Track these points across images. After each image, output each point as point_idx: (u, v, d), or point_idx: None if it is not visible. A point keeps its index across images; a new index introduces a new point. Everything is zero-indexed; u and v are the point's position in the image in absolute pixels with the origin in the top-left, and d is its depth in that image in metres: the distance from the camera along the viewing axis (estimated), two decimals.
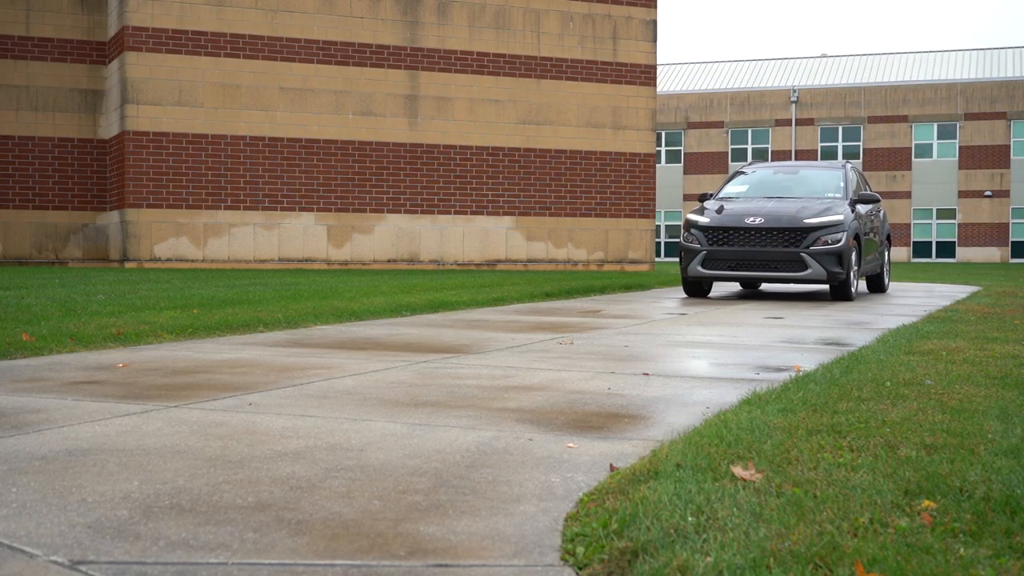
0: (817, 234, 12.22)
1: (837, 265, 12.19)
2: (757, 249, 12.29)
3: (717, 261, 12.51)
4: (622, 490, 2.83)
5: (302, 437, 3.65)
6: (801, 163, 14.83)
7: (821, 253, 12.15)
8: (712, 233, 12.60)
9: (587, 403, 4.53)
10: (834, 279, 12.23)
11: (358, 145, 22.72)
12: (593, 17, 24.72)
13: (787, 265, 12.26)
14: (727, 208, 12.88)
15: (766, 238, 12.30)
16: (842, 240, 12.20)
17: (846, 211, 12.59)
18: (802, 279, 12.31)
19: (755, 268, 12.37)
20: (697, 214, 13.01)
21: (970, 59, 53.72)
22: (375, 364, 5.84)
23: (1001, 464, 3.10)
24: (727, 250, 12.43)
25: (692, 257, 12.68)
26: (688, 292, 13.29)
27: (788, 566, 2.19)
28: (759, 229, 12.33)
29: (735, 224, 12.47)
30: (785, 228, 12.26)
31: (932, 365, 5.66)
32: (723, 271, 12.51)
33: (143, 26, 21.08)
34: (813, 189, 13.75)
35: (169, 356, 6.12)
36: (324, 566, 2.27)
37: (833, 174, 14.07)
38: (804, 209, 12.50)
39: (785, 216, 12.35)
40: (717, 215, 12.72)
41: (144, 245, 21.16)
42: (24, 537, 2.42)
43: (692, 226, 12.87)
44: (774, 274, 12.39)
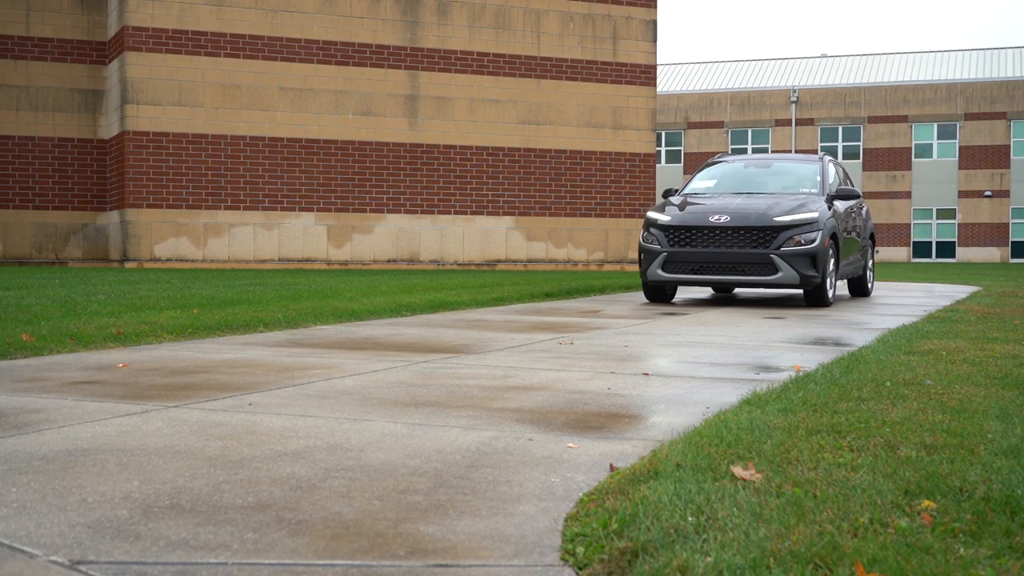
0: (789, 233, 11.01)
1: (811, 268, 10.99)
2: (722, 251, 11.09)
3: (679, 264, 11.31)
4: (622, 490, 2.83)
5: (302, 437, 3.65)
6: (775, 155, 13.61)
7: (793, 254, 10.93)
8: (673, 232, 11.39)
9: (587, 403, 4.53)
10: (808, 283, 11.05)
11: (358, 145, 22.72)
12: (593, 17, 24.72)
13: (755, 268, 11.07)
14: (690, 205, 11.71)
15: (732, 238, 11.09)
16: (816, 240, 11.01)
17: (822, 208, 11.43)
18: (772, 283, 11.09)
19: (720, 271, 11.19)
20: (658, 211, 11.80)
21: (970, 59, 53.72)
22: (375, 364, 5.84)
23: (1001, 464, 3.10)
24: (689, 252, 11.22)
25: (652, 259, 11.47)
26: (649, 297, 12.08)
27: (788, 566, 2.19)
28: (724, 228, 11.13)
29: (698, 223, 11.26)
30: (753, 227, 11.06)
31: (932, 365, 5.66)
32: (685, 275, 11.31)
33: (143, 26, 21.08)
34: (787, 184, 12.55)
35: (169, 356, 6.12)
36: (324, 566, 2.27)
37: (809, 167, 12.83)
38: (774, 206, 11.30)
39: (753, 214, 11.15)
40: (679, 212, 11.51)
41: (144, 245, 21.16)
42: (24, 537, 2.42)
43: (652, 225, 11.65)
44: (741, 278, 11.17)
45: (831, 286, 11.48)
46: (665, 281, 11.47)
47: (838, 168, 13.46)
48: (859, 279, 13.63)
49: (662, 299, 11.99)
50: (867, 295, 13.77)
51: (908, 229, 52.19)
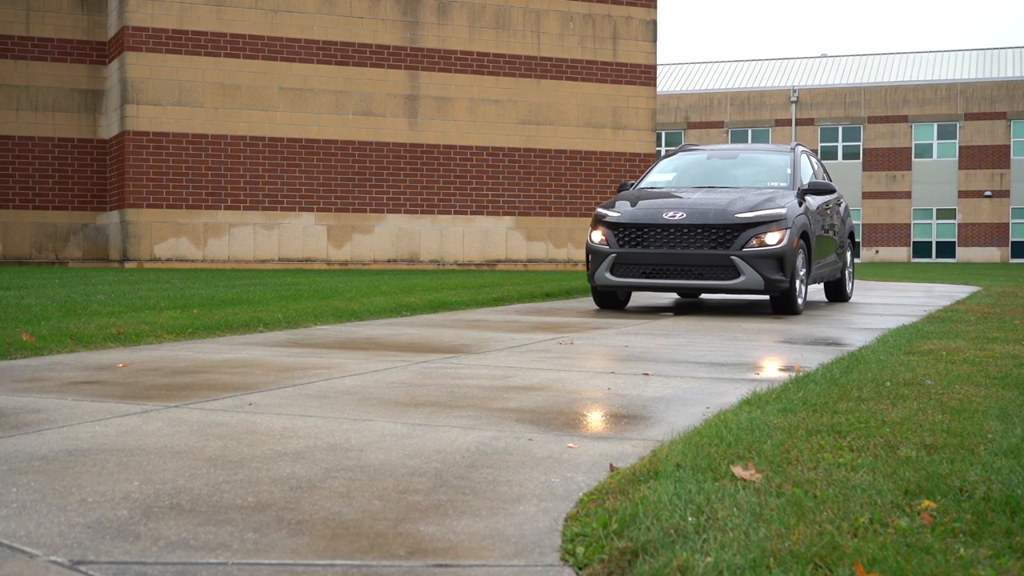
0: (753, 232, 9.80)
1: (777, 271, 9.77)
2: (678, 251, 9.88)
3: (629, 267, 10.08)
4: (622, 490, 2.83)
5: (302, 437, 3.65)
6: (742, 146, 12.36)
7: (757, 256, 9.72)
8: (623, 231, 10.13)
9: (587, 403, 4.53)
10: (774, 288, 9.83)
11: (358, 145, 22.72)
12: (593, 17, 24.72)
13: (715, 271, 9.85)
14: (644, 200, 10.47)
15: (689, 237, 9.89)
16: (784, 239, 9.82)
17: (791, 203, 10.24)
18: (734, 288, 9.89)
19: (676, 275, 9.96)
20: (607, 207, 10.50)
21: (970, 59, 53.73)
22: (375, 364, 5.84)
23: (1001, 464, 3.10)
24: (641, 253, 9.99)
25: (600, 262, 10.21)
26: (599, 303, 10.84)
27: (788, 566, 2.19)
28: (680, 227, 9.90)
29: (651, 220, 10.01)
30: (712, 225, 9.84)
31: (932, 365, 5.66)
32: (636, 279, 10.07)
33: (143, 26, 21.08)
34: (754, 177, 11.32)
35: (169, 356, 6.12)
36: (324, 566, 2.27)
37: (779, 158, 11.55)
38: (737, 201, 10.10)
39: (713, 210, 9.94)
40: (630, 209, 10.26)
41: (144, 245, 21.16)
42: (24, 537, 2.42)
43: (600, 222, 10.37)
44: (699, 282, 9.95)
45: (801, 291, 10.34)
46: (614, 286, 10.27)
47: (813, 160, 12.33)
48: (837, 283, 12.49)
49: (614, 305, 10.83)
50: (846, 300, 12.65)
51: (908, 229, 52.19)
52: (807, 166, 11.73)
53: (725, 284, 9.88)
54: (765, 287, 9.80)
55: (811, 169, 11.85)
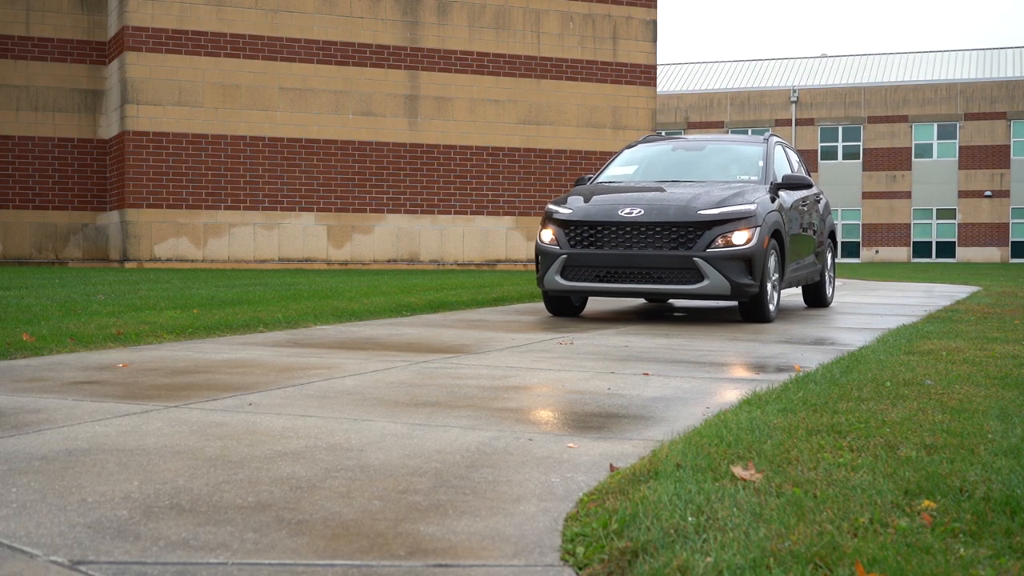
0: (718, 231, 8.80)
1: (745, 274, 8.78)
2: (635, 252, 8.88)
3: (581, 269, 9.08)
4: (622, 490, 2.83)
5: (302, 437, 3.65)
6: (711, 137, 11.33)
7: (723, 257, 8.72)
8: (575, 230, 9.14)
9: (587, 403, 4.53)
10: (741, 293, 8.83)
11: (358, 145, 22.72)
12: (593, 17, 24.72)
13: (676, 275, 8.84)
14: (599, 195, 9.46)
15: (647, 237, 8.89)
16: (753, 239, 8.82)
17: (762, 199, 9.23)
18: (696, 293, 8.87)
19: (633, 279, 8.94)
20: (559, 204, 9.53)
21: (970, 59, 53.73)
22: (375, 364, 5.84)
23: (1001, 464, 3.10)
24: (594, 254, 8.99)
25: (549, 263, 9.19)
26: (551, 309, 9.76)
27: (788, 566, 2.19)
28: (637, 224, 8.91)
29: (605, 218, 9.02)
30: (673, 223, 8.83)
31: (932, 365, 5.66)
32: (589, 283, 9.06)
33: (143, 26, 21.08)
34: (723, 170, 10.32)
35: (169, 356, 6.12)
36: (324, 566, 2.27)
37: (751, 150, 10.55)
38: (701, 196, 9.09)
39: (674, 206, 8.94)
40: (583, 205, 9.28)
41: (144, 245, 21.16)
42: (24, 537, 2.42)
43: (551, 220, 9.40)
44: (658, 287, 8.92)
45: (773, 297, 9.32)
46: (565, 291, 9.23)
47: (789, 152, 11.32)
48: (815, 286, 11.50)
49: (567, 311, 9.80)
50: (826, 305, 11.63)
51: (908, 229, 52.19)
52: (782, 158, 10.72)
53: (687, 289, 8.86)
54: (732, 292, 8.79)
55: (787, 162, 10.85)
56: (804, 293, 11.63)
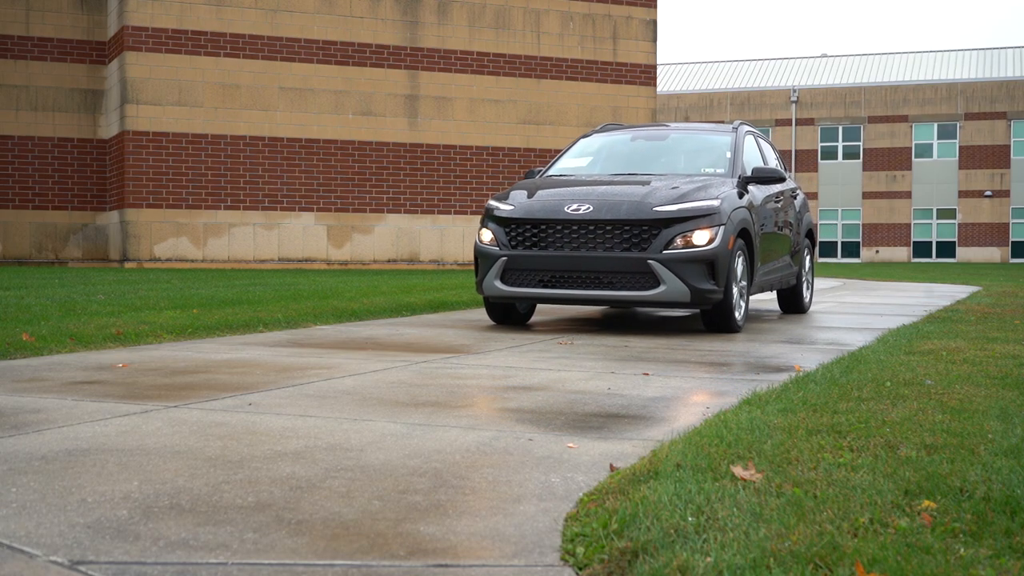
0: (677, 230, 7.82)
1: (707, 278, 7.79)
2: (582, 254, 7.89)
3: (523, 273, 8.08)
4: (622, 490, 2.83)
5: (302, 437, 3.65)
6: (675, 125, 10.23)
7: (681, 259, 7.73)
8: (516, 229, 8.16)
9: (587, 403, 4.53)
10: (703, 300, 7.81)
11: (358, 145, 22.72)
12: (593, 17, 24.72)
13: (628, 279, 7.84)
14: (544, 191, 8.43)
15: (596, 236, 7.91)
16: (716, 239, 7.84)
17: (728, 194, 8.23)
18: (651, 301, 7.86)
19: (580, 284, 7.95)
20: (500, 200, 8.49)
21: (970, 59, 53.74)
22: (375, 364, 5.84)
23: (1001, 464, 3.10)
24: (537, 256, 8.00)
25: (488, 267, 8.21)
26: (493, 317, 8.72)
27: (788, 566, 2.19)
28: (586, 222, 7.92)
29: (550, 215, 8.03)
30: (625, 221, 7.84)
31: (932, 365, 5.66)
32: (532, 288, 8.05)
33: (143, 26, 21.08)
34: (686, 162, 9.30)
35: (169, 356, 6.12)
36: (324, 566, 2.27)
37: (718, 139, 9.50)
38: (657, 191, 8.08)
39: (627, 202, 7.94)
40: (526, 201, 8.27)
41: (144, 245, 21.16)
42: (24, 537, 2.42)
43: (490, 217, 8.38)
44: (608, 293, 7.90)
45: (740, 304, 8.31)
46: (505, 297, 8.24)
47: (763, 143, 10.25)
48: (791, 290, 10.44)
49: (512, 320, 8.76)
50: (803, 311, 10.60)
51: (908, 229, 52.20)
52: (753, 150, 9.66)
53: (640, 296, 7.84)
54: (692, 299, 7.78)
55: (759, 154, 9.80)
56: (779, 298, 10.65)
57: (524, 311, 8.86)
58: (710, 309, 8.05)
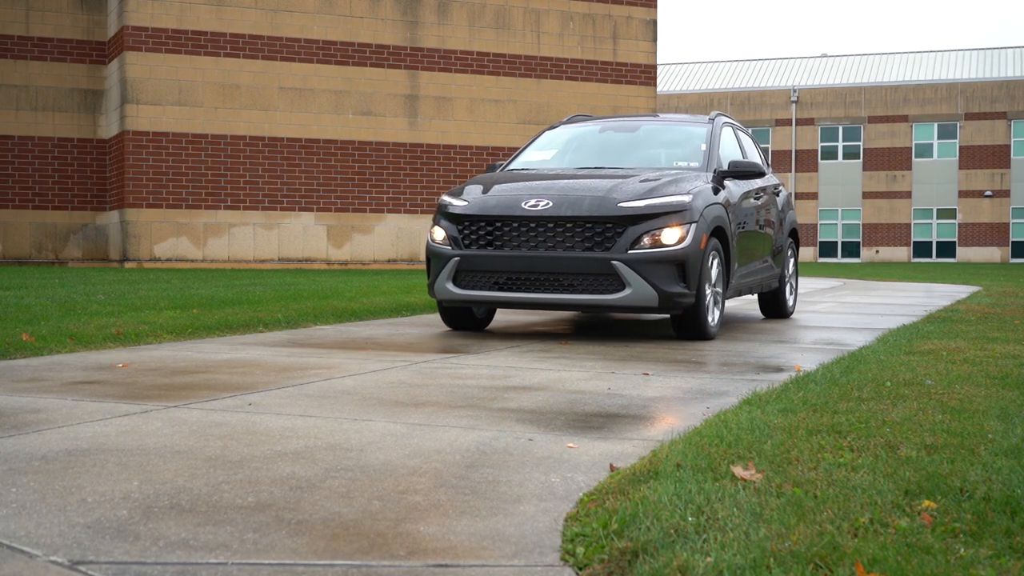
0: (644, 228, 7.19)
1: (677, 281, 7.18)
2: (540, 255, 7.26)
3: (477, 275, 7.47)
4: (622, 490, 2.83)
5: (302, 437, 3.65)
6: (647, 117, 9.64)
7: (648, 260, 7.12)
8: (470, 227, 7.53)
9: (587, 403, 4.53)
10: (672, 304, 7.19)
11: (358, 145, 22.72)
12: (593, 17, 24.72)
13: (590, 282, 7.20)
14: (501, 185, 7.80)
15: (556, 235, 7.29)
16: (687, 237, 7.22)
17: (701, 189, 7.61)
18: (616, 305, 7.22)
19: (538, 287, 7.31)
20: (454, 195, 7.88)
21: (970, 59, 53.74)
22: (375, 364, 5.84)
23: (1001, 464, 3.10)
24: (492, 256, 7.38)
25: (440, 268, 7.59)
26: (448, 323, 8.12)
27: (788, 566, 2.19)
28: (544, 219, 7.30)
29: (506, 211, 7.41)
30: (587, 217, 7.22)
31: (932, 365, 5.66)
32: (486, 291, 7.44)
33: (143, 26, 21.08)
34: (657, 155, 8.67)
35: (169, 356, 6.12)
36: (324, 566, 2.27)
37: (691, 131, 8.86)
38: (623, 186, 7.45)
39: (589, 197, 7.32)
40: (481, 196, 7.64)
41: (144, 245, 21.16)
42: (24, 537, 2.42)
43: (443, 213, 7.76)
44: (568, 297, 7.27)
45: (714, 308, 7.68)
46: (458, 301, 7.60)
47: (742, 135, 9.58)
48: (773, 294, 9.76)
49: (469, 325, 8.11)
50: (786, 316, 9.94)
51: (908, 229, 52.19)
52: (731, 143, 9.03)
53: (603, 300, 7.20)
54: (660, 303, 7.16)
55: (738, 146, 9.18)
56: (760, 302, 9.98)
57: (482, 316, 8.24)
58: (681, 314, 7.44)
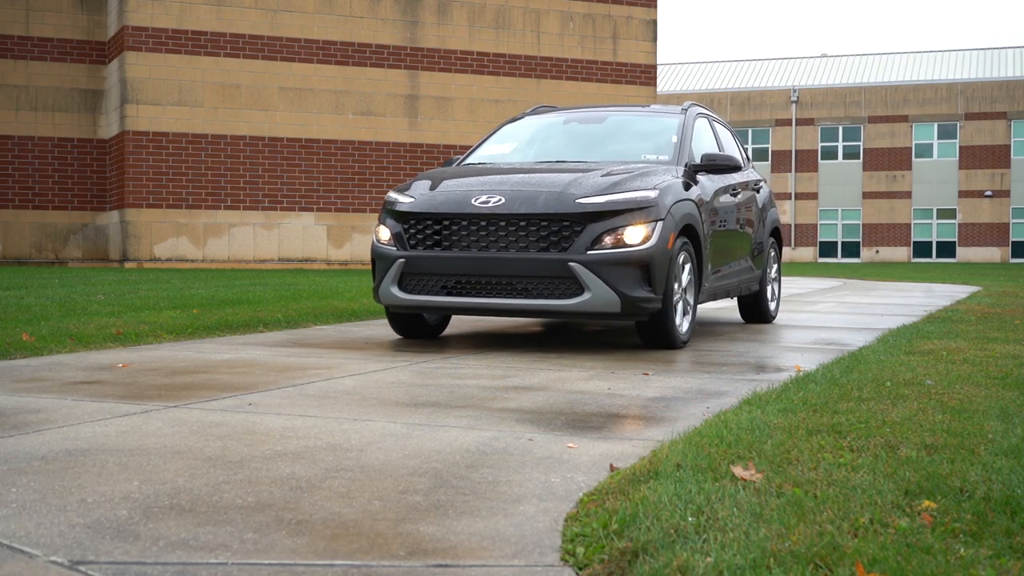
0: (605, 226, 6.51)
1: (641, 284, 6.50)
2: (492, 256, 6.59)
3: (424, 278, 6.77)
4: (622, 490, 2.83)
5: (302, 437, 3.65)
6: (616, 107, 8.91)
7: (610, 262, 6.44)
8: (416, 225, 6.85)
9: (587, 403, 4.52)
10: (636, 309, 6.51)
11: (358, 145, 22.72)
12: (593, 17, 24.72)
13: (546, 286, 6.52)
14: (451, 180, 7.11)
15: (508, 234, 6.60)
16: (653, 237, 6.56)
17: (669, 184, 6.95)
18: (574, 311, 6.51)
19: (490, 291, 6.63)
20: (401, 192, 7.16)
21: (970, 59, 53.73)
22: (375, 364, 5.84)
23: (1001, 464, 3.10)
24: (440, 257, 6.69)
25: (385, 270, 6.92)
26: (397, 329, 7.44)
27: (788, 566, 2.19)
28: (496, 217, 6.62)
29: (454, 209, 6.73)
30: (542, 215, 6.54)
31: (932, 365, 5.66)
32: (434, 296, 6.75)
33: (143, 26, 21.08)
34: (625, 148, 7.94)
35: (169, 356, 6.12)
36: (324, 566, 2.26)
37: (662, 123, 8.20)
38: (582, 180, 6.76)
39: (545, 193, 6.63)
40: (428, 193, 6.95)
41: (144, 245, 21.16)
42: (24, 537, 2.41)
43: (389, 211, 7.08)
44: (522, 303, 6.55)
45: (683, 314, 7.05)
46: (404, 306, 6.92)
47: (719, 128, 8.96)
48: (754, 297, 9.14)
49: (420, 332, 7.46)
50: (768, 321, 9.30)
51: (908, 229, 52.19)
52: (706, 135, 8.43)
53: (560, 306, 6.50)
54: (623, 308, 6.47)
55: (714, 139, 8.58)
56: (740, 306, 9.34)
57: (435, 322, 7.59)
58: (646, 321, 6.79)
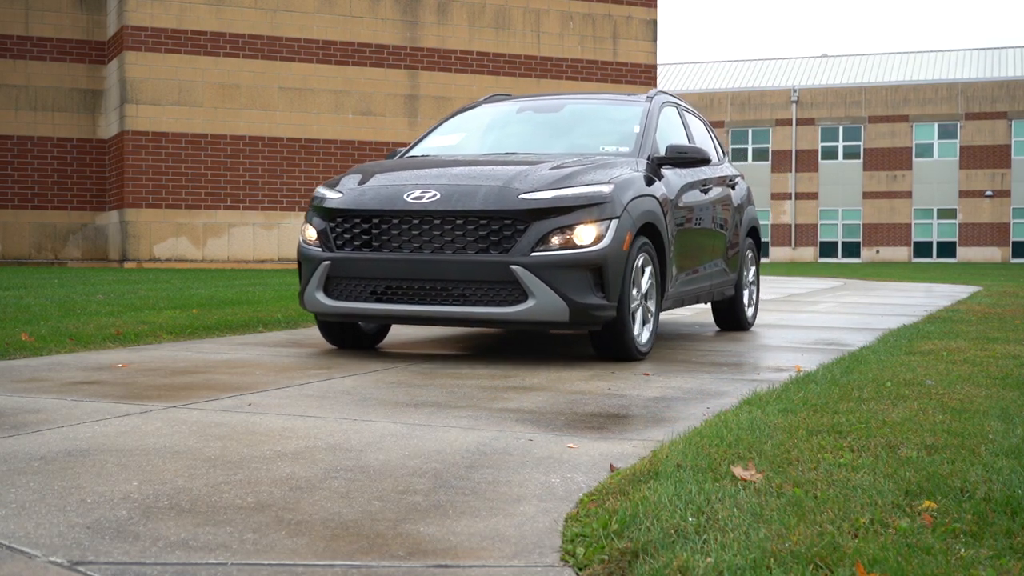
0: (552, 224, 5.82)
1: (593, 290, 5.81)
2: (425, 258, 5.90)
3: (351, 283, 6.10)
4: (622, 490, 2.83)
5: (301, 437, 3.65)
6: (575, 95, 8.10)
7: (557, 264, 5.74)
8: (343, 224, 6.17)
9: (587, 403, 4.52)
10: (587, 317, 5.83)
11: (358, 145, 22.72)
12: (593, 17, 24.72)
13: (485, 291, 5.84)
14: (384, 175, 6.42)
15: (444, 233, 5.92)
16: (606, 236, 5.85)
17: (627, 178, 6.23)
18: (516, 320, 5.82)
19: (423, 298, 5.95)
20: (329, 187, 6.49)
21: (971, 59, 53.74)
22: (374, 364, 5.84)
23: (1002, 464, 3.09)
24: (369, 260, 6.01)
25: (310, 273, 6.22)
26: (329, 338, 6.71)
27: (788, 567, 2.19)
28: (430, 215, 5.93)
29: (385, 205, 6.04)
30: (481, 212, 5.85)
31: (933, 365, 5.65)
32: (362, 303, 6.05)
33: (142, 26, 21.08)
34: (583, 139, 7.23)
35: (168, 356, 6.11)
36: (324, 566, 2.26)
37: (624, 112, 7.49)
38: (528, 173, 6.05)
39: (484, 187, 5.94)
40: (357, 187, 6.28)
41: (143, 245, 21.16)
42: (23, 537, 2.41)
43: (315, 209, 6.39)
44: (459, 310, 5.88)
45: (643, 322, 6.32)
46: (330, 314, 6.22)
47: (689, 118, 8.20)
48: (729, 303, 8.42)
49: (356, 342, 6.72)
50: (744, 328, 8.58)
51: (909, 229, 52.20)
52: (674, 126, 7.71)
53: (501, 314, 5.80)
54: (572, 317, 5.77)
55: (683, 131, 7.84)
56: (715, 312, 8.61)
57: (372, 331, 6.82)
58: (599, 330, 6.06)
